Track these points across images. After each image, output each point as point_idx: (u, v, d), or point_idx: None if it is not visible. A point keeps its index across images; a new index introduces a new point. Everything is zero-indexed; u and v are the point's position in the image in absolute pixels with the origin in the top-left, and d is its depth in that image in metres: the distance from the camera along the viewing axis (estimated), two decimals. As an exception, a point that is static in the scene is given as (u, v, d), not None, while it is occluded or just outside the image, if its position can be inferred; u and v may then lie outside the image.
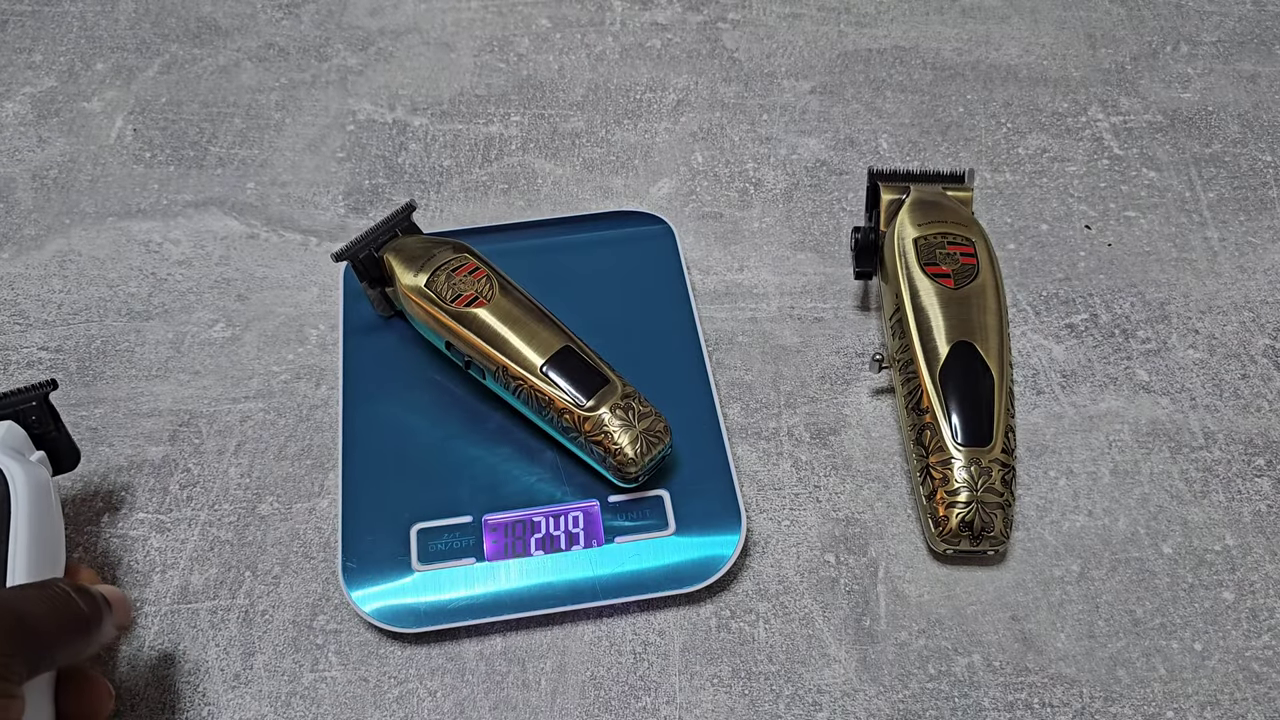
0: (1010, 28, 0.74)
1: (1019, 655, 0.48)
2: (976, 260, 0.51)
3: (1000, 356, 0.49)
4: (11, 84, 0.72)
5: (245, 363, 0.58)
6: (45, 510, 0.44)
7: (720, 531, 0.49)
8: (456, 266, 0.53)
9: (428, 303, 0.51)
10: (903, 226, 0.53)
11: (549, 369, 0.49)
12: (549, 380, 0.49)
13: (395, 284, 0.54)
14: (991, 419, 0.47)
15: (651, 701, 0.47)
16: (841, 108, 0.70)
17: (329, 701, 0.47)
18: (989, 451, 0.47)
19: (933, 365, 0.48)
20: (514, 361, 0.49)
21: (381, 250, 0.55)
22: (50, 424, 0.48)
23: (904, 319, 0.51)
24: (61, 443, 0.49)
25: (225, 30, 0.75)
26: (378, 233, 0.55)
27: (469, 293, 0.51)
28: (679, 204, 0.65)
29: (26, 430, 0.47)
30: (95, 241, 0.64)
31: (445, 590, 0.48)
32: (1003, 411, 0.47)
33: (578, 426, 0.48)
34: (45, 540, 0.43)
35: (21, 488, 0.43)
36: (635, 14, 0.76)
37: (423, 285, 0.52)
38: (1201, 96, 0.70)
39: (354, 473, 0.51)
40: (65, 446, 0.49)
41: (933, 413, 0.48)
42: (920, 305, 0.51)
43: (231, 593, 0.50)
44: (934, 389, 0.48)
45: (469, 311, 0.51)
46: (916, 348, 0.49)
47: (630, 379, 0.50)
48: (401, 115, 0.70)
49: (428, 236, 0.56)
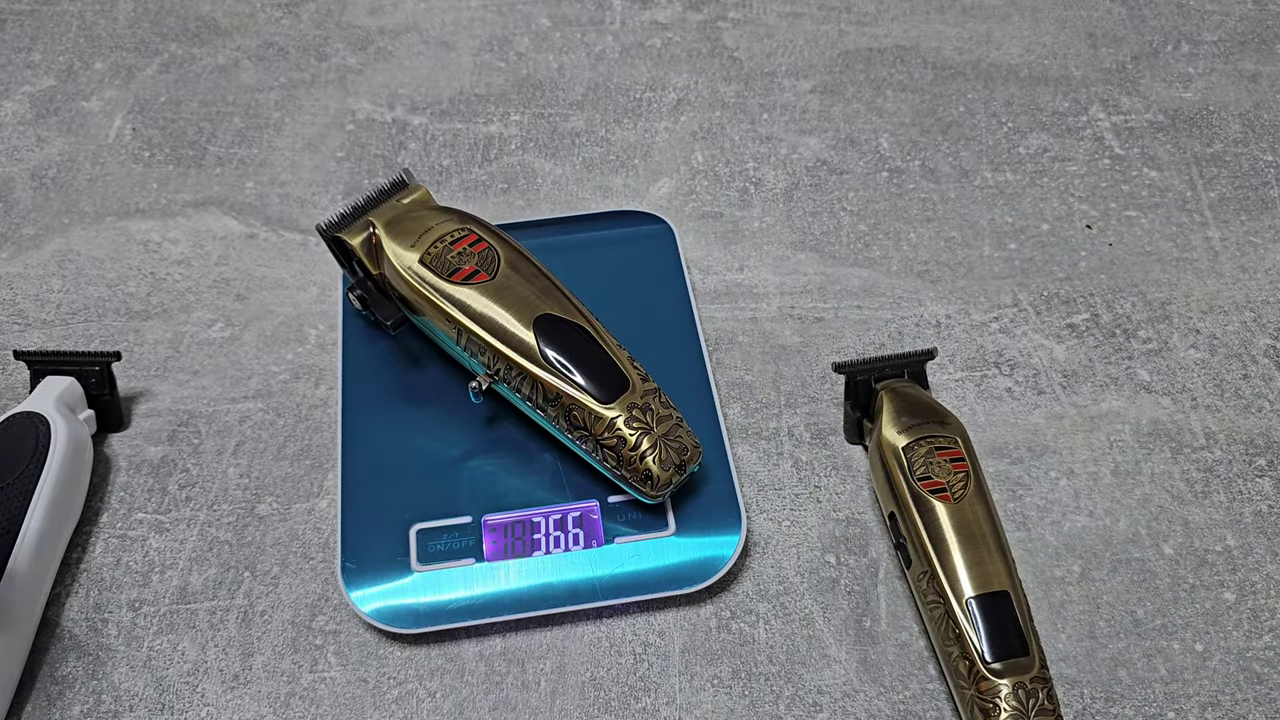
0: (1011, 27, 0.74)
1: (1020, 656, 0.47)
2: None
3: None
4: (10, 83, 0.72)
5: (244, 363, 0.58)
6: (77, 465, 0.51)
7: (720, 532, 0.49)
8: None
9: (894, 466, 0.46)
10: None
11: (974, 605, 0.42)
12: (968, 616, 0.42)
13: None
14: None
15: (651, 702, 0.47)
16: (842, 107, 0.69)
17: (328, 702, 0.47)
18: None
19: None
20: (945, 576, 0.43)
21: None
22: (106, 389, 0.54)
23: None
24: (112, 406, 0.54)
25: (224, 29, 0.75)
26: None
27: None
28: (679, 203, 0.65)
29: (85, 389, 0.53)
30: (94, 241, 0.63)
31: (445, 591, 0.48)
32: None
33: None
34: (69, 492, 0.50)
35: (61, 441, 0.49)
36: (635, 13, 0.75)
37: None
38: (1203, 96, 0.70)
39: (353, 473, 0.51)
40: (114, 412, 0.55)
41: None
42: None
43: (230, 593, 0.50)
44: None
45: (928, 499, 0.45)
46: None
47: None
48: (401, 114, 0.70)
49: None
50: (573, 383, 0.47)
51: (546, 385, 0.47)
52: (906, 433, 0.49)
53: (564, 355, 0.47)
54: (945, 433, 0.49)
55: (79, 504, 0.51)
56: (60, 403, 0.51)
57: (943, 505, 0.46)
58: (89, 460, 0.52)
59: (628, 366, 0.48)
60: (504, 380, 0.48)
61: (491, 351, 0.48)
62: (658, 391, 0.48)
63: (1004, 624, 0.44)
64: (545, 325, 0.48)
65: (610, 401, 0.46)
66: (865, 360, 0.52)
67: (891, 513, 0.48)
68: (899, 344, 0.58)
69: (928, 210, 0.64)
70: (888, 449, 0.48)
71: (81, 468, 0.51)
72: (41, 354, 0.53)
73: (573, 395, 0.46)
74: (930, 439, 0.48)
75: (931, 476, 0.47)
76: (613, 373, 0.47)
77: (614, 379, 0.47)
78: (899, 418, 0.49)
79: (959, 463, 0.48)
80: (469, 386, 0.49)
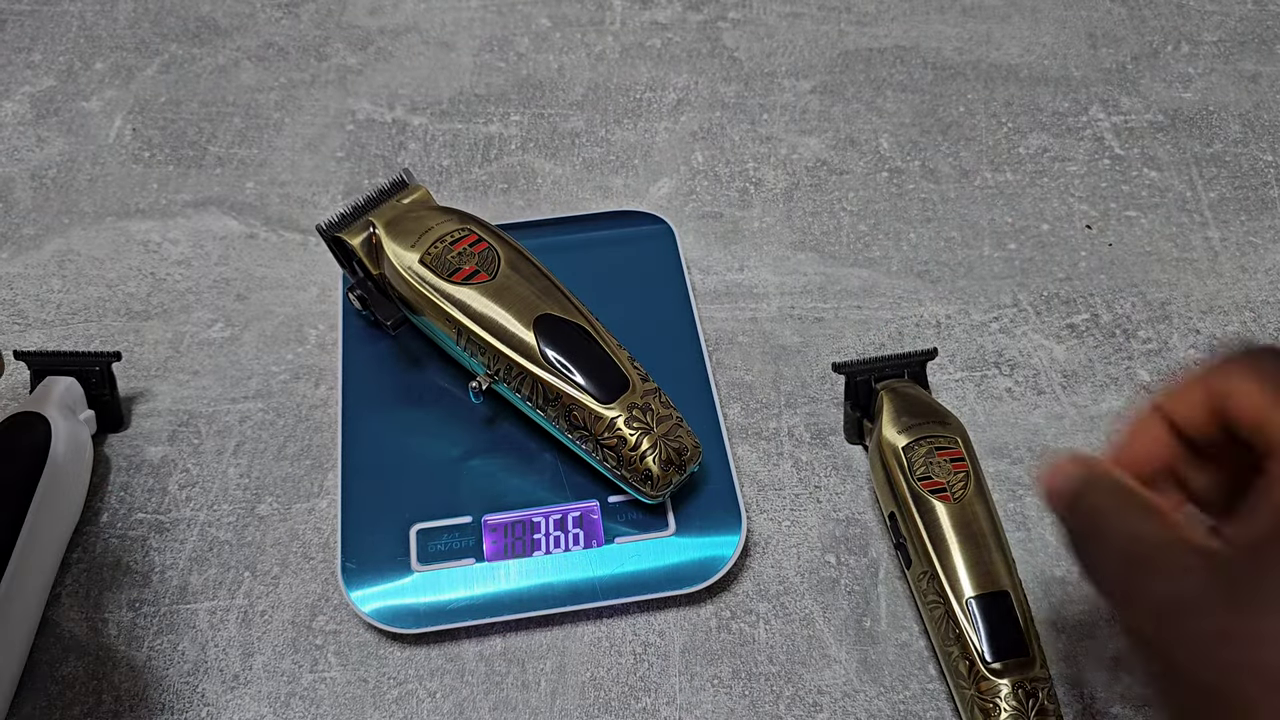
0: (1011, 27, 0.74)
1: (1020, 656, 0.47)
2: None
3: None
4: (10, 83, 0.72)
5: (244, 363, 0.58)
6: (77, 464, 0.51)
7: (720, 532, 0.49)
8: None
9: (894, 466, 0.47)
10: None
11: (975, 605, 0.43)
12: (968, 616, 0.43)
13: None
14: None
15: (651, 702, 0.47)
16: (842, 107, 0.69)
17: (328, 702, 0.47)
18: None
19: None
20: (946, 576, 0.44)
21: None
22: (106, 389, 0.54)
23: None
24: (112, 407, 0.54)
25: (224, 30, 0.75)
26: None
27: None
28: (679, 204, 0.65)
29: (85, 389, 0.53)
30: (94, 241, 0.63)
31: (445, 591, 0.48)
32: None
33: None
34: (69, 491, 0.50)
35: (62, 441, 0.49)
36: (635, 13, 0.75)
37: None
38: (1202, 96, 0.70)
39: (353, 473, 0.51)
40: (114, 412, 0.55)
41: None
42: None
43: (230, 593, 0.50)
44: None
45: (928, 499, 0.46)
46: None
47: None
48: (401, 115, 0.70)
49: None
50: (573, 382, 0.47)
51: (546, 385, 0.47)
52: (906, 433, 0.49)
53: (564, 355, 0.47)
54: (945, 433, 0.49)
55: (79, 503, 0.52)
56: (60, 403, 0.51)
57: (943, 505, 0.46)
58: (89, 460, 0.52)
59: (628, 366, 0.48)
60: (504, 380, 0.48)
61: (491, 351, 0.48)
62: (658, 391, 0.48)
63: (1004, 624, 0.44)
64: (545, 325, 0.48)
65: (610, 401, 0.46)
66: (865, 360, 0.52)
67: (891, 513, 0.48)
68: (899, 344, 0.58)
69: (928, 210, 0.64)
70: (888, 449, 0.48)
71: (82, 467, 0.51)
72: (41, 354, 0.54)
73: (573, 395, 0.47)
74: (930, 439, 0.48)
75: (931, 476, 0.47)
76: (613, 373, 0.47)
77: (614, 379, 0.47)
78: (899, 418, 0.49)
79: (959, 463, 0.48)
80: (469, 386, 0.49)
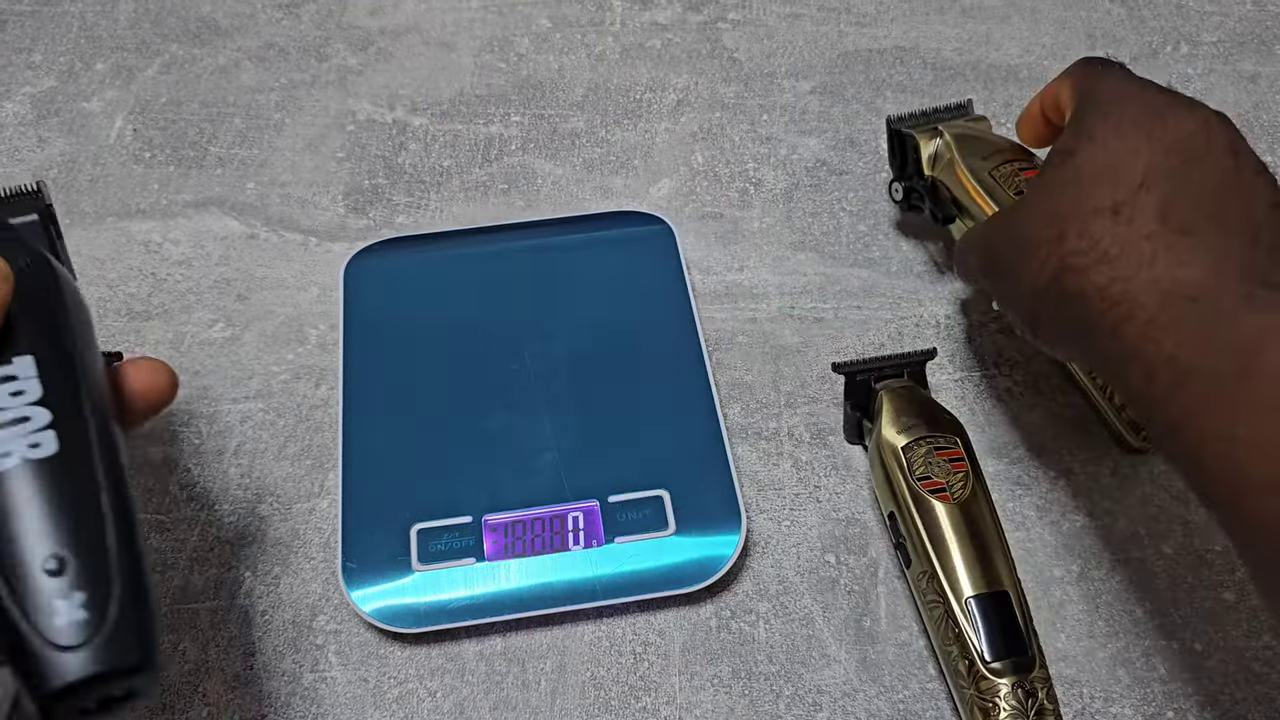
0: (1011, 27, 0.74)
1: (1019, 655, 0.47)
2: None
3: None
4: (11, 84, 0.72)
5: (245, 363, 0.58)
6: None
7: (720, 531, 0.49)
8: (941, 447, 0.49)
9: (894, 465, 0.48)
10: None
11: (974, 604, 0.44)
12: (968, 615, 0.44)
13: (875, 423, 0.51)
14: None
15: (651, 702, 0.47)
16: (842, 108, 0.69)
17: (329, 702, 0.47)
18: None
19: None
20: (945, 575, 0.45)
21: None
22: None
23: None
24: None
25: (225, 30, 0.75)
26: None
27: (939, 480, 0.48)
28: (679, 204, 0.65)
29: None
30: (95, 241, 0.63)
31: (445, 590, 0.48)
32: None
33: (969, 680, 0.44)
34: None
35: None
36: (635, 14, 0.76)
37: (900, 446, 0.49)
38: (1202, 96, 0.69)
39: (354, 473, 0.51)
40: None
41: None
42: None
43: (231, 593, 0.50)
44: None
45: (927, 499, 0.47)
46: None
47: (630, 380, 0.49)
48: (401, 115, 0.70)
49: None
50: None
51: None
52: (906, 433, 0.49)
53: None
54: (945, 433, 0.49)
55: None
56: None
57: (942, 505, 0.46)
58: None
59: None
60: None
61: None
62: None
63: (1004, 624, 0.44)
64: None
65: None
66: (865, 360, 0.52)
67: (891, 512, 0.48)
68: (899, 344, 0.58)
69: (927, 211, 0.64)
70: (887, 449, 0.49)
71: None
72: None
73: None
74: (930, 439, 0.48)
75: (931, 476, 0.47)
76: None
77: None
78: (899, 418, 0.49)
79: (959, 463, 0.48)
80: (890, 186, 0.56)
